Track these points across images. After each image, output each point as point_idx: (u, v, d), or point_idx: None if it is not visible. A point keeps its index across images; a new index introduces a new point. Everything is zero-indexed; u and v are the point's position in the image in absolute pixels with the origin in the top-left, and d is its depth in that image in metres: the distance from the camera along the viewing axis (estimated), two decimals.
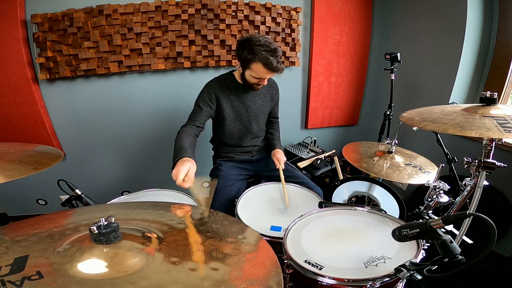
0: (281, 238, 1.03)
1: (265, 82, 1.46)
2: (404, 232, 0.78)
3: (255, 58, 1.33)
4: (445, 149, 1.61)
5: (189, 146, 1.30)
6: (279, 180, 1.52)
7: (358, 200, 1.53)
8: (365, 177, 1.60)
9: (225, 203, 1.47)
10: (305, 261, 0.89)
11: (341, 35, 2.37)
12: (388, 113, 2.09)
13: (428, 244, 0.92)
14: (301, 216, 1.11)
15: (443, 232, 0.73)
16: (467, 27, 1.82)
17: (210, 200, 0.99)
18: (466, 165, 1.01)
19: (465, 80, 1.98)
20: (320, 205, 1.18)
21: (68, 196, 1.16)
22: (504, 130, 0.84)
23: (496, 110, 0.96)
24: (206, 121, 1.54)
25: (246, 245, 0.72)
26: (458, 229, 1.05)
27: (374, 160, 1.45)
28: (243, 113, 1.58)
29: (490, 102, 0.98)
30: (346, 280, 0.81)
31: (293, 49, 2.28)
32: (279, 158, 1.59)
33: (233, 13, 2.03)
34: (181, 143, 1.30)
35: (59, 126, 2.01)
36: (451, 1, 1.90)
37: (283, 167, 1.56)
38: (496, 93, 0.99)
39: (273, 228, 1.17)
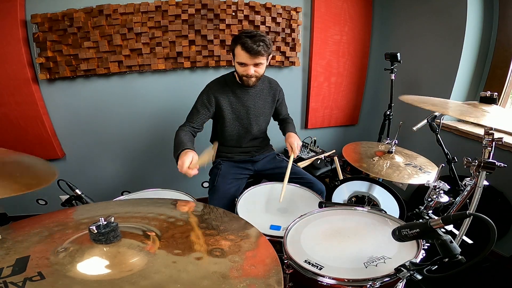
0: (281, 237, 1.03)
1: (250, 71, 1.40)
2: (404, 232, 0.78)
3: (236, 43, 1.38)
4: (445, 149, 1.61)
5: (188, 140, 1.37)
6: (279, 179, 1.52)
7: (358, 200, 1.53)
8: (365, 177, 1.60)
9: (224, 201, 1.48)
10: (305, 261, 0.89)
11: (341, 35, 2.37)
12: (388, 113, 2.09)
13: (428, 244, 0.92)
14: (301, 216, 1.11)
15: (443, 232, 0.73)
16: (467, 27, 1.82)
17: (211, 155, 1.15)
18: (466, 165, 1.01)
19: (465, 80, 1.98)
20: (320, 205, 1.18)
21: (68, 196, 1.16)
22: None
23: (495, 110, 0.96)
24: (205, 123, 1.55)
25: (246, 242, 0.72)
26: (458, 229, 1.05)
27: (374, 160, 1.45)
28: (243, 115, 1.58)
29: (490, 101, 0.99)
30: (346, 280, 0.81)
31: (293, 49, 2.28)
32: (292, 143, 1.52)
33: (233, 13, 2.03)
34: (180, 138, 1.37)
35: (59, 126, 2.01)
36: (451, 1, 1.90)
37: (297, 154, 1.50)
38: (496, 93, 0.99)
39: (273, 227, 1.18)
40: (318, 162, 2.19)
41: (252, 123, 1.61)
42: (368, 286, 0.79)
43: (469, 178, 1.05)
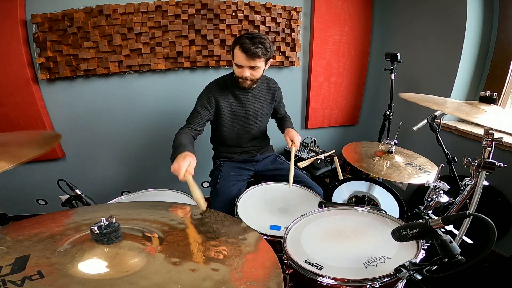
0: (281, 237, 1.03)
1: (245, 73, 1.39)
2: (404, 232, 0.78)
3: (235, 43, 1.37)
4: (445, 149, 1.61)
5: (188, 142, 1.31)
6: (279, 180, 1.52)
7: (358, 200, 1.53)
8: (365, 177, 1.60)
9: (225, 203, 1.47)
10: (305, 261, 0.89)
11: (341, 35, 2.37)
12: (388, 113, 2.09)
13: (428, 244, 0.92)
14: (301, 216, 1.11)
15: (443, 232, 0.73)
16: (467, 28, 1.82)
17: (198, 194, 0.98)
18: (466, 165, 1.01)
19: (465, 80, 1.98)
20: (320, 205, 1.18)
21: (68, 196, 1.16)
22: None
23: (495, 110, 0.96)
24: (205, 125, 1.53)
25: (246, 246, 0.72)
26: (458, 229, 1.05)
27: (374, 160, 1.45)
28: (242, 115, 1.58)
29: (490, 101, 0.99)
30: (346, 280, 0.81)
31: (293, 49, 2.27)
32: (292, 136, 1.54)
33: (233, 13, 2.03)
34: (180, 140, 1.31)
35: (59, 126, 2.01)
36: (451, 1, 1.90)
37: (298, 147, 1.52)
38: (496, 93, 0.99)
39: (273, 227, 1.18)
40: (318, 162, 2.19)
41: (251, 123, 1.61)
42: (368, 286, 0.79)
43: (469, 178, 1.05)
